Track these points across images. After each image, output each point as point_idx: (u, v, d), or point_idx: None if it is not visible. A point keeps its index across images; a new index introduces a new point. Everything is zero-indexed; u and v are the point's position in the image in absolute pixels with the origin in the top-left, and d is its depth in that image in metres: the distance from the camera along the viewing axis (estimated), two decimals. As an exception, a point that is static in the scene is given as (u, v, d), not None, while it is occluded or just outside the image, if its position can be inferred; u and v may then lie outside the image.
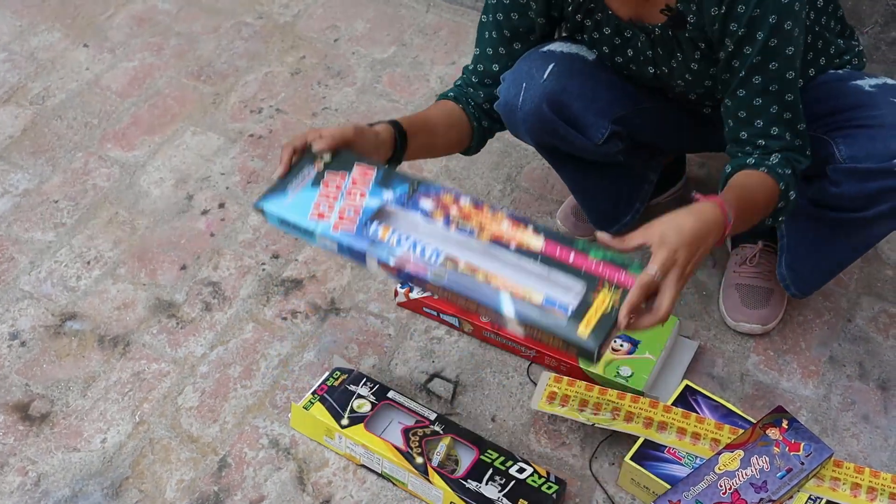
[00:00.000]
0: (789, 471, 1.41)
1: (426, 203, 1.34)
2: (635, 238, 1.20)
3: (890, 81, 1.48)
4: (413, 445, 1.47)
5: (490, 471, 1.46)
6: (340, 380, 1.57)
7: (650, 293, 1.17)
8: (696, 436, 1.48)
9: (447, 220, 1.32)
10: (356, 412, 1.52)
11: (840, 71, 1.55)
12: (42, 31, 2.37)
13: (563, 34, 1.58)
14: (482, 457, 1.47)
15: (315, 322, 1.74)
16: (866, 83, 1.48)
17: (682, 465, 1.46)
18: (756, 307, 1.71)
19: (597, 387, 1.56)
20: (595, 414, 1.51)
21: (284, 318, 1.74)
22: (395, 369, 1.66)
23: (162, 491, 1.50)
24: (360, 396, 1.54)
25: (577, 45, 1.56)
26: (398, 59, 2.29)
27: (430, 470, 1.45)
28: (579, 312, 1.19)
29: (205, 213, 1.93)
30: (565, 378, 1.58)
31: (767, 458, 1.42)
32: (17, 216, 1.92)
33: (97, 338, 1.71)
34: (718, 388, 1.64)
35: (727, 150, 1.47)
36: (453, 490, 1.42)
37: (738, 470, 1.41)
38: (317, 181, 1.35)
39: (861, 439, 1.58)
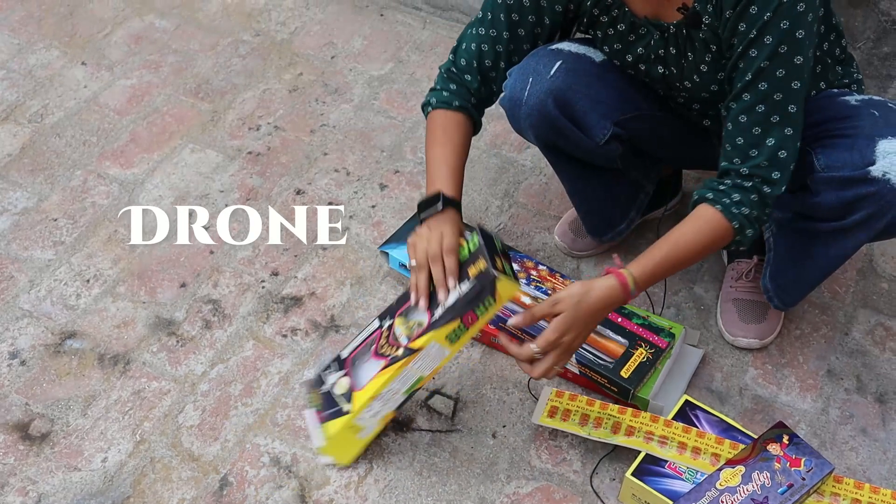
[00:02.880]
0: (790, 486, 1.42)
1: (513, 265, 1.56)
2: (540, 310, 1.42)
3: (876, 98, 1.49)
4: (387, 353, 1.48)
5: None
6: (316, 395, 1.58)
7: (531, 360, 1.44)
8: (696, 450, 1.49)
9: (528, 280, 1.73)
10: (345, 392, 1.52)
11: (834, 89, 1.56)
12: (40, 49, 2.37)
13: (576, 34, 1.60)
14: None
15: (315, 339, 1.74)
16: (853, 98, 1.50)
17: (682, 480, 1.46)
18: (753, 322, 1.72)
19: (598, 401, 1.57)
20: (596, 428, 1.52)
21: (284, 336, 1.75)
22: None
23: (163, 510, 1.50)
24: (334, 383, 1.55)
25: (586, 46, 1.57)
26: (395, 76, 2.30)
27: (413, 343, 1.44)
28: (622, 361, 1.60)
29: (204, 230, 1.94)
30: (567, 393, 1.59)
31: (769, 474, 1.43)
32: (15, 234, 1.92)
33: (97, 356, 1.71)
34: (717, 402, 1.65)
35: (719, 168, 1.47)
36: (434, 329, 1.43)
37: (739, 485, 1.42)
38: None
39: (860, 452, 1.59)
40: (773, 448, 1.46)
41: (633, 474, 1.47)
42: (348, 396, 1.48)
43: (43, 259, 1.88)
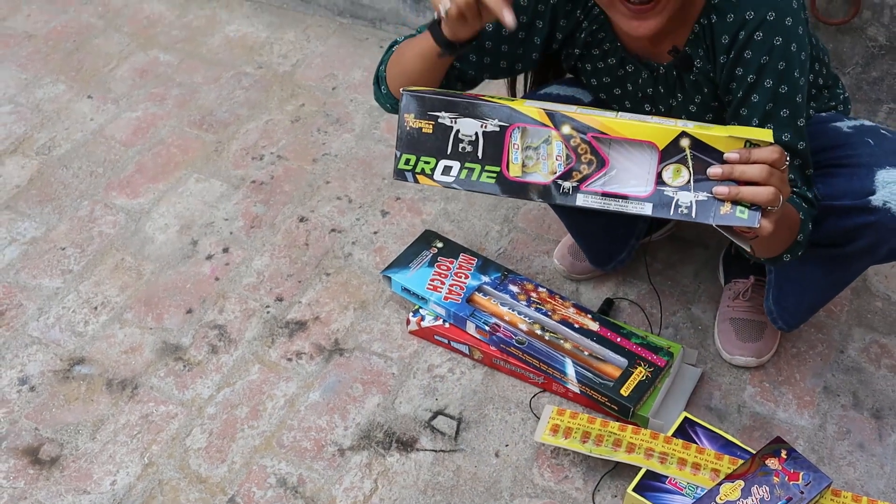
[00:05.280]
0: (789, 500, 1.44)
1: (514, 287, 1.78)
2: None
3: (867, 123, 1.52)
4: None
5: None
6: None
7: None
8: (696, 466, 1.51)
9: (529, 301, 1.76)
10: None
11: (823, 114, 1.59)
12: (47, 83, 2.42)
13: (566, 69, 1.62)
14: None
15: (320, 363, 1.77)
16: (845, 125, 1.52)
17: (683, 495, 1.48)
18: (750, 341, 1.75)
19: (599, 418, 1.60)
20: (597, 446, 1.54)
21: (289, 360, 1.78)
22: (399, 407, 1.69)
23: (172, 531, 1.52)
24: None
25: (573, 87, 1.61)
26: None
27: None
28: (622, 380, 1.62)
29: (209, 257, 1.97)
30: (568, 411, 1.61)
31: (768, 488, 1.45)
32: (24, 264, 1.96)
33: (105, 381, 1.74)
34: (716, 419, 1.67)
35: None
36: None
37: (739, 500, 1.44)
38: (431, 262, 1.84)
39: (857, 467, 1.61)
40: (772, 462, 1.48)
41: (634, 490, 1.49)
42: None
43: (51, 287, 1.91)
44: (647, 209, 1.17)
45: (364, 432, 1.66)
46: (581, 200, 1.20)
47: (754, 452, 1.52)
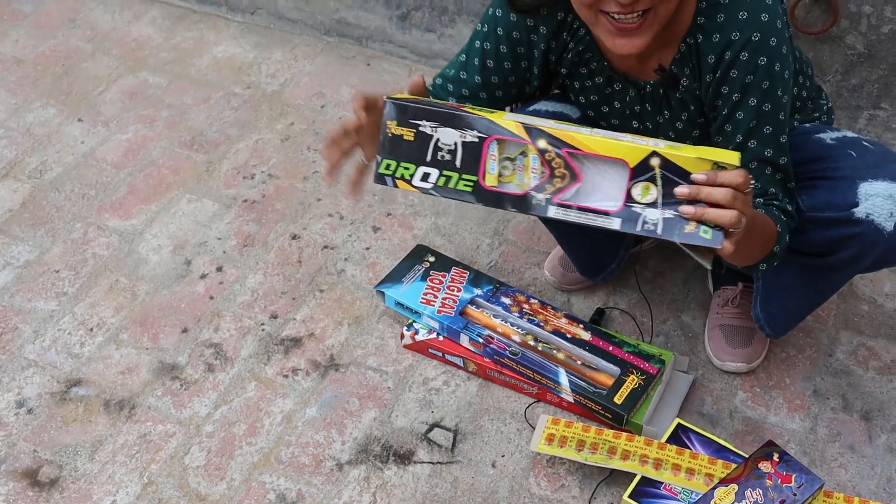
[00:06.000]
0: (782, 502, 1.46)
1: (506, 299, 1.83)
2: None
3: (850, 135, 1.55)
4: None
5: None
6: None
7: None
8: (690, 471, 1.53)
9: (521, 313, 1.80)
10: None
11: (807, 125, 1.62)
12: (37, 107, 2.44)
13: (554, 89, 1.66)
14: None
15: (316, 378, 1.79)
16: (828, 136, 1.55)
17: (678, 500, 1.51)
18: (740, 346, 1.78)
19: (593, 427, 1.62)
20: (592, 454, 1.56)
21: (286, 376, 1.79)
22: (395, 421, 1.71)
23: (173, 549, 1.53)
24: None
25: (562, 103, 1.63)
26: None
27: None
28: (615, 388, 1.66)
29: (203, 276, 1.99)
30: (562, 420, 1.63)
31: (761, 491, 1.48)
32: (19, 287, 1.97)
33: (103, 402, 1.75)
34: (709, 425, 1.70)
35: None
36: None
37: (733, 503, 1.46)
38: (424, 276, 1.88)
39: (849, 469, 1.64)
40: (765, 466, 1.51)
41: (630, 497, 1.51)
42: None
43: (46, 310, 1.92)
44: (615, 224, 1.21)
45: (361, 446, 1.67)
46: (553, 212, 1.23)
47: (747, 456, 1.55)
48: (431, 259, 1.92)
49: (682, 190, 1.17)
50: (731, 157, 1.17)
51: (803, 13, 2.03)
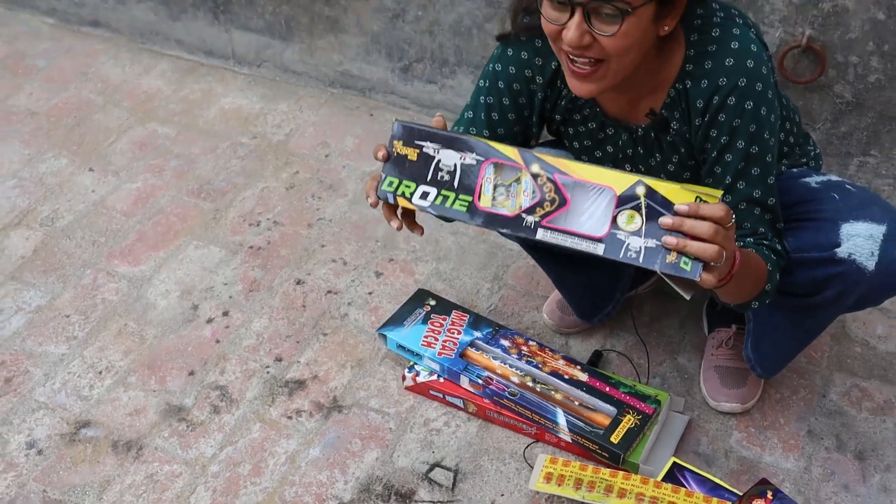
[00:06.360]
0: (776, 538, 1.49)
1: (505, 342, 1.87)
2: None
3: (834, 178, 1.61)
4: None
5: None
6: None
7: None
8: (686, 509, 1.56)
9: (520, 355, 1.84)
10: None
11: (794, 170, 1.68)
12: (49, 158, 2.51)
13: (548, 133, 1.72)
14: None
15: (319, 420, 1.83)
16: (813, 180, 1.61)
17: (674, 537, 1.53)
18: (735, 387, 1.81)
19: (591, 465, 1.65)
20: (590, 492, 1.60)
21: (290, 417, 1.83)
22: (397, 461, 1.75)
23: (179, 587, 1.56)
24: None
25: (556, 149, 1.69)
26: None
27: None
28: (612, 427, 1.69)
29: (210, 321, 2.04)
30: (560, 459, 1.67)
31: (755, 527, 1.50)
32: (30, 331, 2.02)
33: (111, 443, 1.79)
34: (705, 464, 1.73)
35: None
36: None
37: (727, 539, 1.49)
38: (425, 320, 1.92)
39: (842, 507, 1.67)
40: (759, 503, 1.53)
41: (627, 534, 1.54)
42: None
43: (57, 353, 1.97)
44: (599, 249, 1.27)
45: (364, 486, 1.71)
46: (541, 235, 1.30)
47: (741, 494, 1.57)
48: (432, 303, 1.96)
49: (665, 220, 1.23)
50: (714, 192, 1.23)
51: (792, 63, 2.10)
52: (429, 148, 1.34)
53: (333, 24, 2.60)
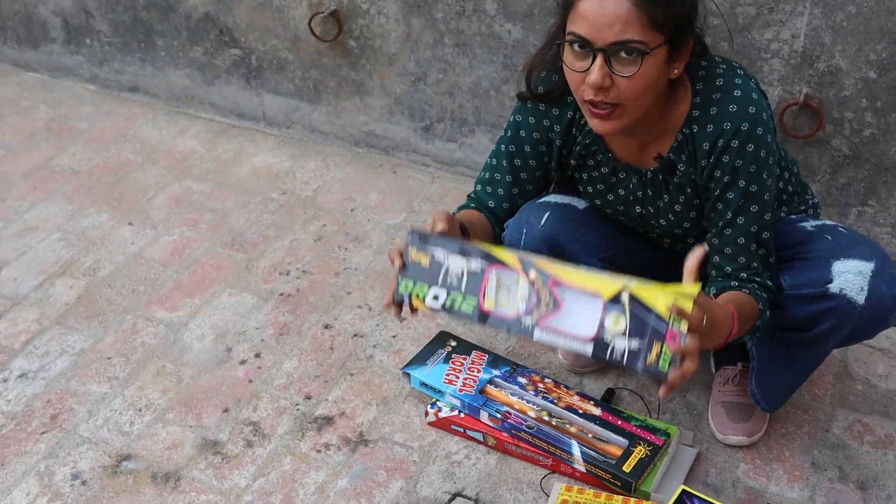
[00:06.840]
0: (781, 560, 1.57)
1: (522, 379, 1.98)
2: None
3: (828, 223, 1.75)
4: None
5: None
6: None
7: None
8: (694, 532, 1.65)
9: (536, 391, 1.95)
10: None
11: (792, 216, 1.81)
12: (91, 213, 2.66)
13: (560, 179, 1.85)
14: None
15: (346, 453, 1.93)
16: (808, 224, 1.76)
17: (684, 559, 1.62)
18: (741, 421, 1.91)
19: (604, 493, 1.74)
20: (603, 516, 1.69)
21: (319, 451, 1.94)
22: (420, 490, 1.84)
23: None
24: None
25: (570, 196, 1.83)
26: (409, 224, 2.58)
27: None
28: (624, 457, 1.79)
29: (243, 362, 2.15)
30: (575, 487, 1.76)
31: (760, 549, 1.58)
32: (74, 372, 2.14)
33: (150, 475, 1.90)
34: (713, 494, 1.81)
35: (711, 276, 1.70)
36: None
37: (734, 560, 1.57)
38: (447, 359, 2.03)
39: (845, 534, 1.74)
40: (763, 526, 1.62)
41: (639, 556, 1.62)
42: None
43: (99, 392, 2.09)
44: (588, 349, 1.41)
45: (389, 514, 1.80)
46: (537, 335, 1.44)
47: (747, 519, 1.66)
48: (453, 343, 2.08)
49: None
50: (690, 289, 1.36)
51: (791, 119, 2.23)
52: (439, 254, 1.48)
53: (359, 87, 2.77)
